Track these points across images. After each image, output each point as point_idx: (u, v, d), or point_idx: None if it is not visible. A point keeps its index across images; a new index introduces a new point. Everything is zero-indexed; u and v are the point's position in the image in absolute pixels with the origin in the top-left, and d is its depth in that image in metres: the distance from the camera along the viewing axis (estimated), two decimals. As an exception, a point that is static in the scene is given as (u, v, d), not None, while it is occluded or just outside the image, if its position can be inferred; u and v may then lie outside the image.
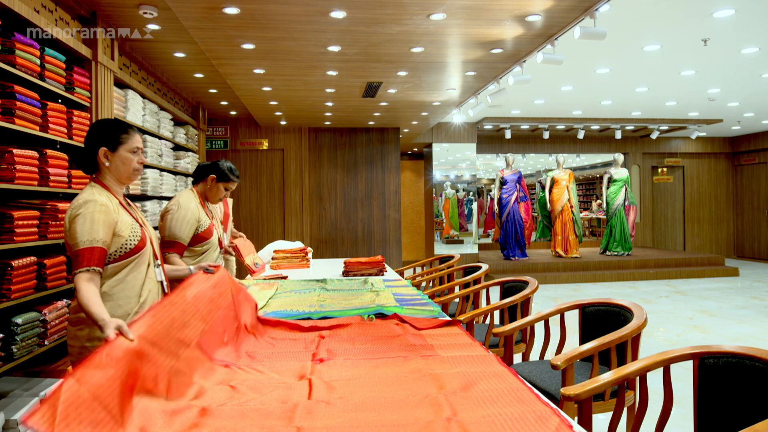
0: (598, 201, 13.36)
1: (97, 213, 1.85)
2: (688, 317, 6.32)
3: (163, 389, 1.45)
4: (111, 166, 1.98)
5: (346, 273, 3.99)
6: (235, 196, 8.90)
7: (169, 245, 2.82)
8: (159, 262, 2.10)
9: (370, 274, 3.96)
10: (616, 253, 10.26)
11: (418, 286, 4.46)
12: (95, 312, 1.68)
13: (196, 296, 1.89)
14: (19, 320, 2.88)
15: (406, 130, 9.86)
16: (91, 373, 1.21)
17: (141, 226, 2.03)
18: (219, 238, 3.08)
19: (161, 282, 2.09)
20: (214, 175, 3.05)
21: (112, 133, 1.99)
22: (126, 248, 1.93)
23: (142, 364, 1.41)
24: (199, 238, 2.90)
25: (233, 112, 8.54)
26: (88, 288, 1.76)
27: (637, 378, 2.01)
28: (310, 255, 4.81)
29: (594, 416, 2.17)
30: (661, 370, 1.94)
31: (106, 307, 1.86)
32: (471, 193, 11.25)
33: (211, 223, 3.00)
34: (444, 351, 1.96)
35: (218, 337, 1.88)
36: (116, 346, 1.35)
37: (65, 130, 3.53)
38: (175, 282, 2.19)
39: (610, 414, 2.23)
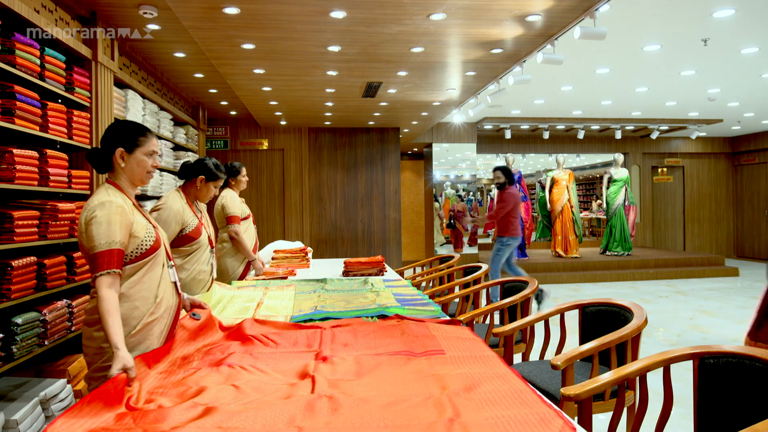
0: (598, 201, 13.36)
1: (114, 214, 1.85)
2: (688, 317, 6.32)
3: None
4: (126, 167, 1.98)
5: (346, 273, 3.99)
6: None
7: None
8: (172, 263, 2.11)
9: (370, 274, 3.96)
10: (616, 253, 10.26)
11: (418, 286, 4.46)
12: (112, 334, 1.71)
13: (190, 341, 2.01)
14: (19, 320, 2.88)
15: (406, 130, 9.86)
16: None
17: (154, 227, 2.03)
18: (209, 237, 3.05)
19: (174, 282, 2.09)
20: (203, 176, 3.01)
21: (131, 134, 1.99)
22: (142, 249, 1.93)
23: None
24: (188, 238, 2.86)
25: (233, 112, 8.54)
26: (110, 299, 1.76)
27: (637, 378, 2.01)
28: (310, 255, 4.81)
29: (594, 416, 2.17)
30: (661, 370, 1.94)
31: (123, 309, 1.87)
32: (471, 193, 11.25)
33: (199, 222, 2.95)
34: (446, 345, 1.95)
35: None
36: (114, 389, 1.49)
37: (65, 130, 3.53)
38: None
39: (610, 414, 2.23)
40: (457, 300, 4.06)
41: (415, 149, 12.54)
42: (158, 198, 5.66)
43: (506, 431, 1.29)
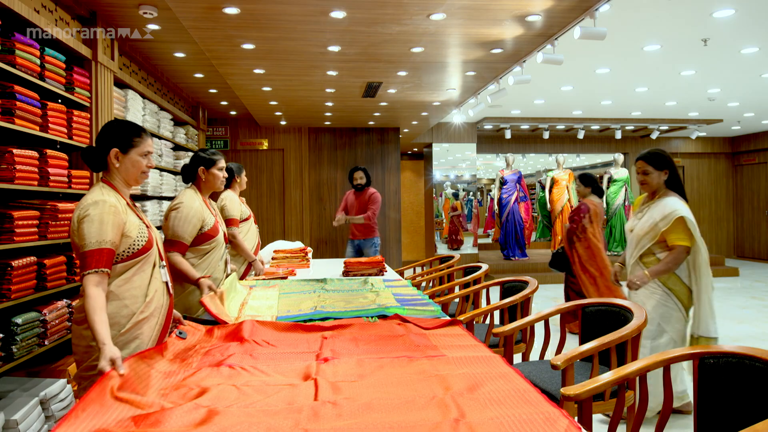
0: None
1: (106, 214, 1.85)
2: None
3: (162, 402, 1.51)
4: (120, 167, 1.99)
5: (346, 273, 3.99)
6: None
7: (170, 244, 2.78)
8: (164, 263, 2.11)
9: (370, 274, 3.96)
10: (616, 253, 10.25)
11: (418, 286, 4.46)
12: (98, 331, 1.70)
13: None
14: (19, 320, 2.88)
15: (406, 130, 9.86)
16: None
17: (147, 227, 2.04)
18: (224, 234, 3.07)
19: (166, 282, 2.09)
20: (203, 166, 3.02)
21: (126, 135, 1.99)
22: (134, 249, 1.94)
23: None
24: (206, 236, 2.88)
25: (233, 112, 8.54)
26: (96, 297, 1.76)
27: (637, 378, 2.01)
28: (310, 255, 4.81)
29: (594, 416, 2.17)
30: (661, 370, 1.94)
31: (112, 307, 1.87)
32: (471, 193, 11.25)
33: (216, 220, 2.98)
34: (449, 351, 1.95)
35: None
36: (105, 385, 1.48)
37: (65, 130, 3.53)
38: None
39: (610, 414, 2.23)
40: (457, 300, 4.06)
41: (415, 149, 12.54)
42: (159, 198, 5.66)
43: (512, 431, 1.29)
